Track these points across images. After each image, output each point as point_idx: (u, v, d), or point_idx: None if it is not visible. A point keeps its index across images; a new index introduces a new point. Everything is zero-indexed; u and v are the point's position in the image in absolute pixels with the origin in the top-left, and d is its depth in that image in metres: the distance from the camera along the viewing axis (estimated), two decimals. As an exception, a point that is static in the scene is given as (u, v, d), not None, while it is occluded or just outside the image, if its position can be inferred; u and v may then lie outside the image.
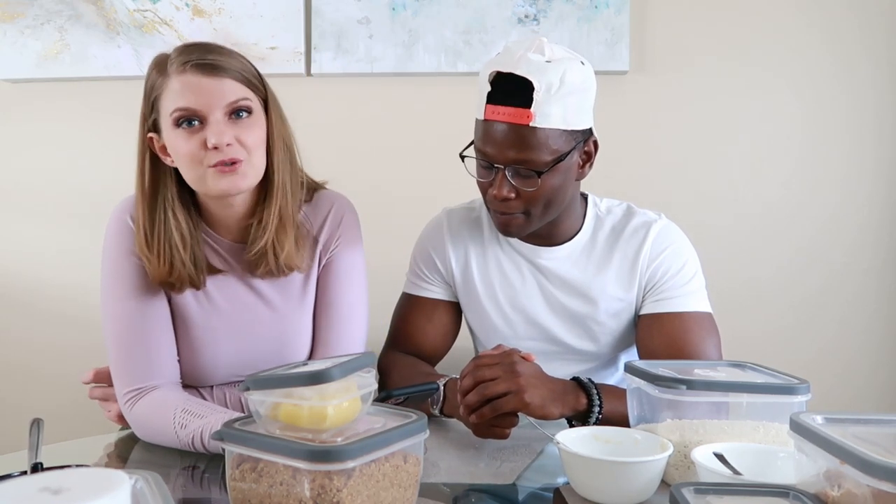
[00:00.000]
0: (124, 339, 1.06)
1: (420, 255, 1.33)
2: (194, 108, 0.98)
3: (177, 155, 1.01)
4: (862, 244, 1.87)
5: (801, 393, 0.82)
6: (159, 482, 0.51)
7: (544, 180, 1.09)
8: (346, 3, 1.89)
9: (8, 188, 2.04)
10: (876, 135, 1.85)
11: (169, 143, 1.01)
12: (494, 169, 1.10)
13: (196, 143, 0.98)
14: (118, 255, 1.07)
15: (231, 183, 1.00)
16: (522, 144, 1.06)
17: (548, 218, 1.17)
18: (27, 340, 2.03)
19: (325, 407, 0.67)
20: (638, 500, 0.78)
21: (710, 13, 1.87)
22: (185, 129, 0.99)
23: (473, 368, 0.99)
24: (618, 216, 1.25)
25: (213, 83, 0.99)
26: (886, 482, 0.52)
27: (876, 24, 1.84)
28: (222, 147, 0.97)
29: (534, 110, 1.04)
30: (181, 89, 0.98)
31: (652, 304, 1.20)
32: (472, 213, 1.33)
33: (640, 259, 1.20)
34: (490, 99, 1.07)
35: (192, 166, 1.00)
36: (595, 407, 1.01)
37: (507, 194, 1.09)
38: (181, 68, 0.99)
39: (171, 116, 0.99)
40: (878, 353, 1.88)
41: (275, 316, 1.13)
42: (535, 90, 1.03)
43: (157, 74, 1.02)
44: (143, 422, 1.03)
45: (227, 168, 0.99)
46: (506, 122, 1.06)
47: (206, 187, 1.01)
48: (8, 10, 1.96)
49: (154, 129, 1.03)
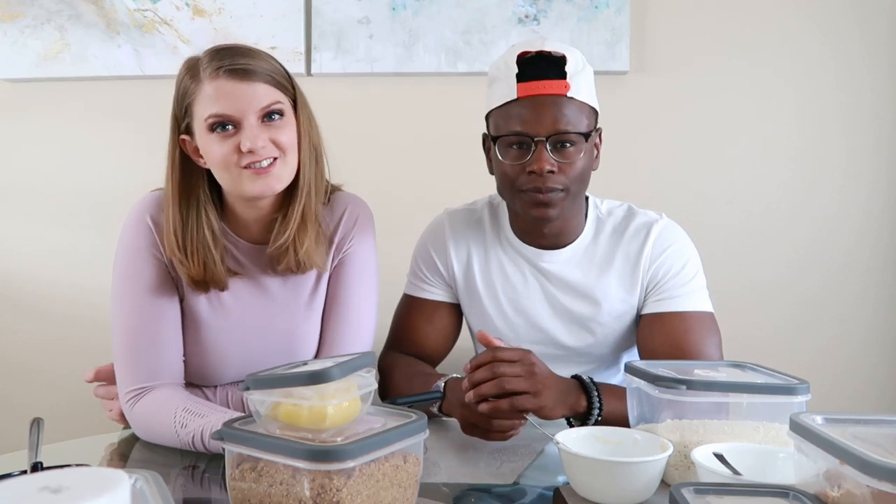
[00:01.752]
0: (133, 338, 1.06)
1: (421, 257, 1.32)
2: (229, 113, 0.99)
3: (211, 158, 1.02)
4: (862, 244, 1.87)
5: (801, 393, 0.82)
6: (159, 482, 0.51)
7: (581, 154, 1.11)
8: (346, 3, 1.89)
9: (8, 188, 2.03)
10: (876, 135, 1.85)
11: (203, 147, 1.03)
12: (534, 144, 1.10)
13: (230, 147, 1.00)
14: (134, 253, 1.08)
15: (265, 185, 1.02)
16: (561, 114, 1.09)
17: (576, 202, 1.18)
18: (27, 340, 2.03)
19: (325, 407, 0.67)
20: (638, 500, 0.78)
21: (710, 13, 1.87)
22: (219, 134, 1.00)
23: (492, 362, 0.97)
24: (619, 217, 1.25)
25: (246, 88, 1.00)
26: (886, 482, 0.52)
27: (876, 24, 1.84)
28: (257, 151, 1.00)
29: (569, 81, 1.09)
30: (214, 95, 0.99)
31: (653, 303, 1.20)
32: (474, 214, 1.32)
33: (641, 259, 1.20)
34: (521, 78, 1.10)
35: (227, 169, 1.02)
36: (595, 409, 1.02)
37: (550, 166, 1.09)
38: (214, 74, 1.00)
39: (206, 122, 1.00)
40: (878, 353, 1.88)
41: (284, 318, 1.13)
42: (567, 62, 1.09)
43: (189, 79, 1.03)
44: (144, 420, 1.04)
45: (262, 170, 1.01)
46: (544, 94, 1.09)
47: (240, 189, 1.03)
48: (8, 10, 1.96)
49: (187, 131, 1.04)
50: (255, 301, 1.12)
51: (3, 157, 2.04)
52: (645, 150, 1.89)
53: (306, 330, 1.15)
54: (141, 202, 1.10)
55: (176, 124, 1.05)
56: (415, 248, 1.35)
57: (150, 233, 1.07)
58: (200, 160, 1.05)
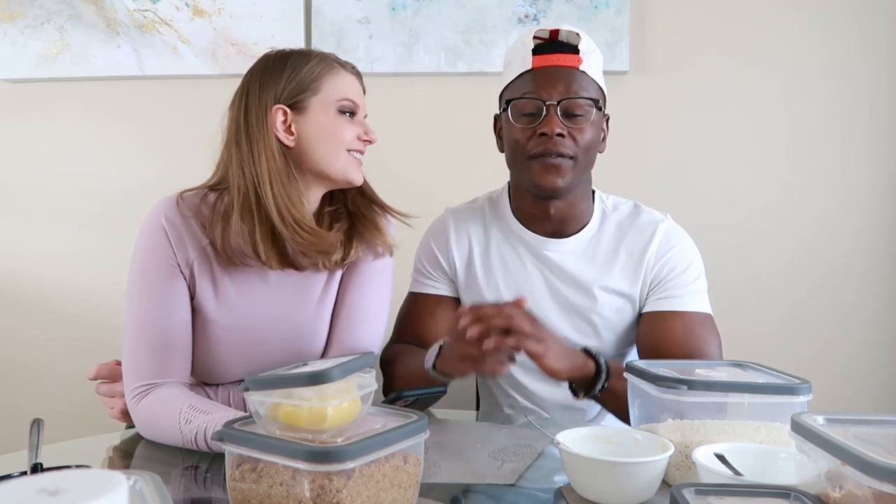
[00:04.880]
0: (144, 336, 1.06)
1: (424, 253, 1.34)
2: (357, 102, 1.12)
3: (327, 135, 1.08)
4: (862, 244, 1.87)
5: (803, 393, 0.82)
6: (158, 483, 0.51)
7: (589, 123, 1.16)
8: (346, 3, 1.89)
9: (8, 188, 2.04)
10: (875, 135, 1.85)
11: (322, 124, 1.08)
12: (545, 108, 1.14)
13: (355, 132, 1.11)
14: (148, 253, 1.08)
15: (359, 174, 1.13)
16: (573, 82, 1.15)
17: (583, 177, 1.21)
18: (27, 340, 2.03)
19: (325, 407, 0.67)
20: (638, 500, 0.77)
21: (709, 13, 1.87)
22: (347, 117, 1.10)
23: (508, 314, 0.97)
24: (624, 213, 1.27)
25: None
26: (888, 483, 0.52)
27: (876, 25, 1.83)
28: (372, 139, 1.13)
29: (582, 57, 1.16)
30: (349, 85, 1.11)
31: (655, 301, 1.21)
32: (475, 207, 1.34)
33: (646, 255, 1.21)
34: (537, 51, 1.17)
35: (341, 150, 1.10)
36: (602, 374, 1.03)
37: (560, 129, 1.14)
38: (346, 66, 1.13)
39: (338, 103, 1.09)
40: (878, 353, 1.88)
41: (293, 317, 1.14)
42: (581, 41, 1.17)
43: (318, 62, 1.10)
44: (148, 417, 1.04)
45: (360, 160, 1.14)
46: (558, 66, 1.16)
47: (342, 170, 1.10)
48: (8, 10, 1.96)
49: (291, 105, 1.08)
50: (262, 299, 1.12)
51: (3, 157, 2.04)
52: (645, 150, 1.89)
53: (314, 330, 1.15)
54: (161, 202, 1.11)
55: (274, 96, 1.08)
56: (417, 248, 1.36)
57: (164, 234, 1.07)
58: (290, 137, 1.08)
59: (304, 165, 1.09)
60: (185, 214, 1.08)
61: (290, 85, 1.08)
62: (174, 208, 1.09)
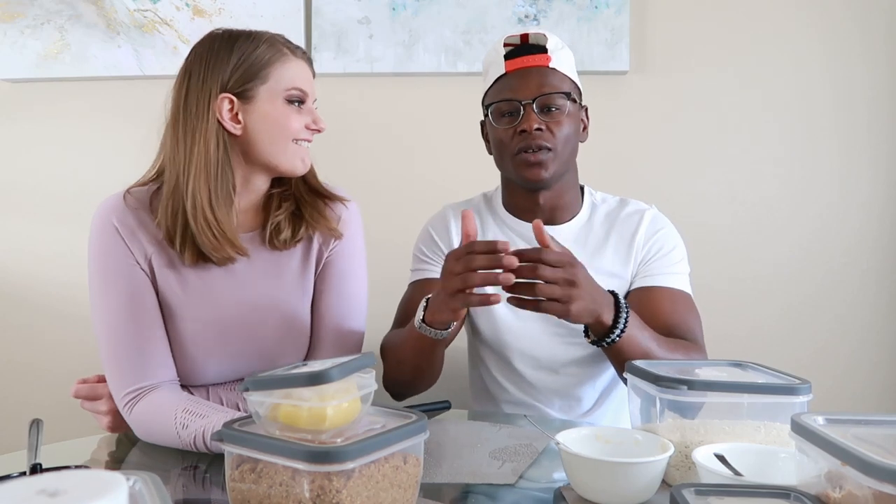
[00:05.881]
0: (117, 340, 1.05)
1: (422, 241, 1.36)
2: (306, 90, 1.10)
3: (274, 126, 1.07)
4: (861, 244, 1.87)
5: (803, 393, 0.82)
6: (158, 483, 0.51)
7: (566, 115, 1.22)
8: (346, 3, 1.89)
9: (8, 188, 2.04)
10: (875, 134, 1.85)
11: (269, 114, 1.06)
12: (522, 108, 1.21)
13: (303, 121, 1.10)
14: (105, 258, 1.06)
15: (306, 164, 1.13)
16: (545, 80, 1.22)
17: (566, 167, 1.25)
18: (27, 340, 2.03)
19: (325, 408, 0.67)
20: (638, 500, 0.77)
21: (709, 13, 1.86)
22: (295, 107, 1.09)
23: (537, 262, 0.97)
24: (612, 205, 1.33)
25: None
26: (888, 484, 0.52)
27: (874, 25, 1.83)
28: (321, 128, 1.12)
29: (550, 55, 1.23)
30: (298, 73, 1.09)
31: (643, 278, 1.26)
32: (471, 205, 1.38)
33: (636, 238, 1.27)
34: (509, 56, 1.24)
35: (288, 141, 1.09)
36: (617, 328, 1.05)
37: (537, 124, 1.19)
38: (295, 52, 1.10)
39: (287, 92, 1.07)
40: (878, 353, 1.87)
41: (269, 303, 1.12)
42: (548, 41, 1.23)
43: (266, 48, 1.07)
44: (144, 423, 1.03)
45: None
46: (529, 67, 1.22)
47: (287, 161, 1.10)
48: (8, 10, 1.96)
49: (238, 94, 1.06)
50: (229, 283, 1.11)
51: (3, 157, 2.04)
52: (645, 150, 1.89)
53: (297, 312, 1.14)
54: (105, 203, 1.09)
55: (218, 85, 1.06)
56: (415, 241, 1.37)
57: (116, 232, 1.06)
58: (237, 126, 1.06)
59: (250, 154, 1.08)
60: (134, 208, 1.07)
61: (237, 72, 1.05)
62: (121, 204, 1.08)
